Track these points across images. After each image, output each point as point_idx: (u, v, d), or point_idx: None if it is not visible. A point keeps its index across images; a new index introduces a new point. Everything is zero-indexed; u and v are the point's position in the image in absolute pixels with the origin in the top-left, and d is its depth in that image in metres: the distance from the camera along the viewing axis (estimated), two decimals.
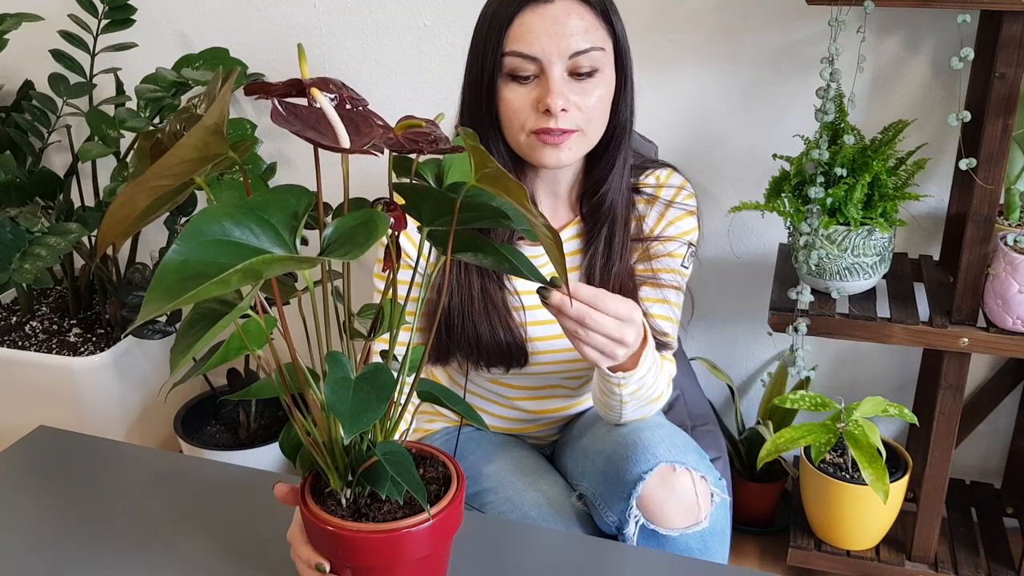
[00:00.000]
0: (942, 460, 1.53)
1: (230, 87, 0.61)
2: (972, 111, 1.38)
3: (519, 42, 1.09)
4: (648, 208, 1.25)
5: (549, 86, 1.09)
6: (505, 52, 1.10)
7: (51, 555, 0.98)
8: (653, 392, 1.15)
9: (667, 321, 1.24)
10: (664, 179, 1.26)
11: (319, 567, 0.81)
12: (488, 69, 1.11)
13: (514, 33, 1.09)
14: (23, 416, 1.89)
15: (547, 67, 1.09)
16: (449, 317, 1.20)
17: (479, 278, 1.20)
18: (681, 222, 1.25)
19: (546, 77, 1.10)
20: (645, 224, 1.25)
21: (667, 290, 1.24)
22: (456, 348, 1.22)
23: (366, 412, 0.67)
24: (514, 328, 1.21)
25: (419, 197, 0.72)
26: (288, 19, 1.91)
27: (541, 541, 1.01)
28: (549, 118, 1.10)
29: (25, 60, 2.12)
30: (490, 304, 1.20)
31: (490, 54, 1.11)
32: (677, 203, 1.25)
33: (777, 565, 1.78)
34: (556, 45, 1.08)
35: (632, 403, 1.14)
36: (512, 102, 1.11)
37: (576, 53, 1.09)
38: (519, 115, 1.12)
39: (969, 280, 1.43)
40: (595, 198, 1.21)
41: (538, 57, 1.09)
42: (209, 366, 0.76)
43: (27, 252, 1.67)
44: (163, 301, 0.54)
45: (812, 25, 1.62)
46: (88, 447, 1.19)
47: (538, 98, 1.10)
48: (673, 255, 1.24)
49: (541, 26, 1.08)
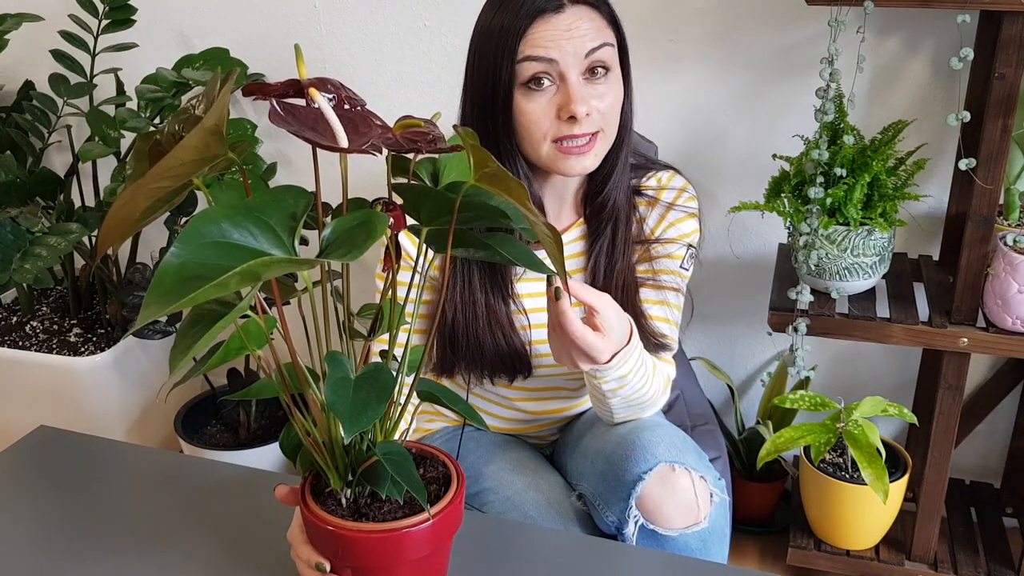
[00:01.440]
0: (942, 460, 1.53)
1: (229, 88, 0.61)
2: (972, 111, 1.38)
3: (535, 47, 1.09)
4: (649, 210, 1.25)
5: (570, 92, 1.09)
6: (520, 59, 1.09)
7: (51, 555, 0.98)
8: (643, 393, 1.15)
9: (665, 323, 1.24)
10: (666, 181, 1.26)
11: (319, 567, 0.82)
12: (503, 81, 1.10)
13: (529, 41, 1.09)
14: (23, 416, 1.89)
15: (565, 71, 1.09)
16: (454, 333, 1.20)
17: (483, 294, 1.20)
18: (682, 224, 1.25)
19: (565, 83, 1.09)
20: (646, 225, 1.25)
21: (666, 292, 1.24)
22: (461, 362, 1.22)
23: (366, 412, 0.67)
24: (518, 343, 1.22)
25: (418, 197, 0.73)
26: (288, 19, 1.91)
27: (541, 541, 1.01)
28: (573, 124, 1.09)
29: (25, 60, 2.12)
30: (494, 320, 1.20)
31: (505, 65, 1.10)
32: (678, 205, 1.25)
33: (777, 565, 1.78)
34: (572, 46, 1.08)
35: (617, 400, 1.14)
36: (531, 113, 1.11)
37: (591, 51, 1.09)
38: (540, 125, 1.11)
39: (969, 280, 1.43)
40: (599, 199, 1.21)
41: (556, 59, 1.08)
42: (209, 366, 0.76)
43: (27, 252, 1.67)
44: (162, 304, 0.54)
45: (812, 25, 1.62)
46: (88, 447, 1.19)
47: (560, 106, 1.10)
48: (673, 256, 1.24)
49: (555, 33, 1.09)
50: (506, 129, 1.13)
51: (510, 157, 1.15)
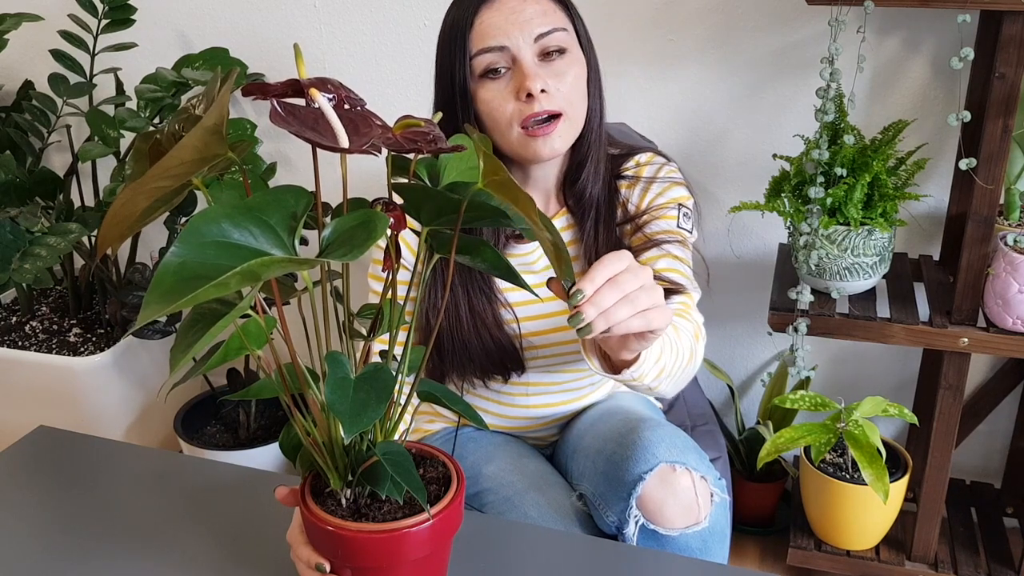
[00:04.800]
0: (942, 460, 1.53)
1: (229, 88, 0.61)
2: (972, 111, 1.38)
3: (484, 39, 1.11)
4: (631, 190, 1.26)
5: (524, 70, 1.10)
6: (473, 54, 1.11)
7: (51, 555, 0.98)
8: (680, 360, 1.09)
9: (673, 272, 1.20)
10: (645, 160, 1.27)
11: (319, 567, 0.81)
12: (460, 78, 1.12)
13: (476, 34, 1.11)
14: (23, 416, 1.89)
15: (517, 54, 1.10)
16: (439, 339, 1.20)
17: (466, 296, 1.20)
18: (668, 192, 1.24)
19: (519, 64, 1.11)
20: (631, 204, 1.25)
21: (667, 246, 1.22)
22: (450, 369, 1.23)
23: (366, 412, 0.67)
24: (507, 340, 1.21)
25: (418, 197, 0.72)
26: (288, 19, 1.91)
27: (541, 541, 1.01)
28: (532, 102, 1.10)
29: (25, 60, 2.12)
30: (480, 321, 1.20)
31: (459, 62, 1.12)
32: (660, 178, 1.25)
33: (777, 565, 1.78)
34: (520, 30, 1.10)
35: (664, 383, 1.08)
36: (491, 101, 1.12)
37: (540, 35, 1.11)
38: (502, 110, 1.12)
39: (969, 280, 1.42)
40: (576, 187, 1.22)
41: (506, 45, 1.10)
42: (209, 366, 0.76)
43: (27, 252, 1.67)
44: (162, 304, 0.54)
45: (812, 25, 1.62)
46: (88, 447, 1.19)
47: (517, 87, 1.11)
48: (664, 218, 1.24)
49: (500, 18, 1.10)
50: (474, 124, 1.14)
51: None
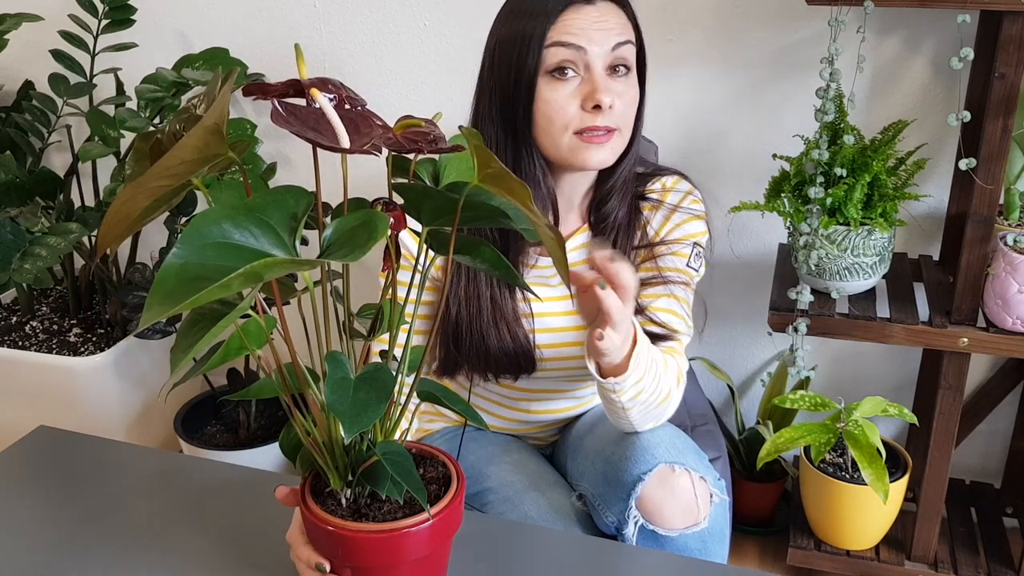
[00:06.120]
0: (942, 460, 1.53)
1: (230, 87, 0.61)
2: (972, 111, 1.38)
3: (565, 34, 1.09)
4: (653, 213, 1.25)
5: (596, 82, 1.10)
6: (549, 43, 1.09)
7: (51, 555, 0.98)
8: (657, 395, 1.12)
9: (671, 315, 1.21)
10: (671, 185, 1.26)
11: (319, 567, 0.81)
12: (528, 66, 1.10)
13: (558, 28, 1.10)
14: (23, 416, 1.89)
15: (591, 61, 1.10)
16: (457, 329, 1.19)
17: (488, 287, 1.19)
18: (687, 225, 1.24)
19: (591, 73, 1.10)
20: (650, 228, 1.24)
21: (672, 286, 1.23)
22: (465, 361, 1.22)
23: (366, 412, 0.67)
24: (522, 337, 1.21)
25: (419, 197, 0.72)
26: (288, 19, 1.91)
27: (541, 541, 1.01)
28: (597, 115, 1.10)
29: (25, 60, 2.12)
30: (499, 314, 1.19)
31: (532, 50, 1.10)
32: (683, 208, 1.25)
33: (777, 565, 1.78)
34: (601, 37, 1.10)
35: (636, 409, 1.10)
36: (555, 102, 1.11)
37: (617, 45, 1.11)
38: (563, 114, 1.11)
39: (969, 280, 1.43)
40: (605, 206, 1.21)
41: (585, 47, 1.09)
42: (209, 366, 0.76)
43: (27, 252, 1.67)
44: (165, 305, 0.54)
45: (812, 25, 1.62)
46: (88, 447, 1.19)
47: (586, 95, 1.10)
48: (678, 255, 1.24)
49: (584, 23, 1.10)
50: (526, 119, 1.13)
51: (528, 149, 1.15)
